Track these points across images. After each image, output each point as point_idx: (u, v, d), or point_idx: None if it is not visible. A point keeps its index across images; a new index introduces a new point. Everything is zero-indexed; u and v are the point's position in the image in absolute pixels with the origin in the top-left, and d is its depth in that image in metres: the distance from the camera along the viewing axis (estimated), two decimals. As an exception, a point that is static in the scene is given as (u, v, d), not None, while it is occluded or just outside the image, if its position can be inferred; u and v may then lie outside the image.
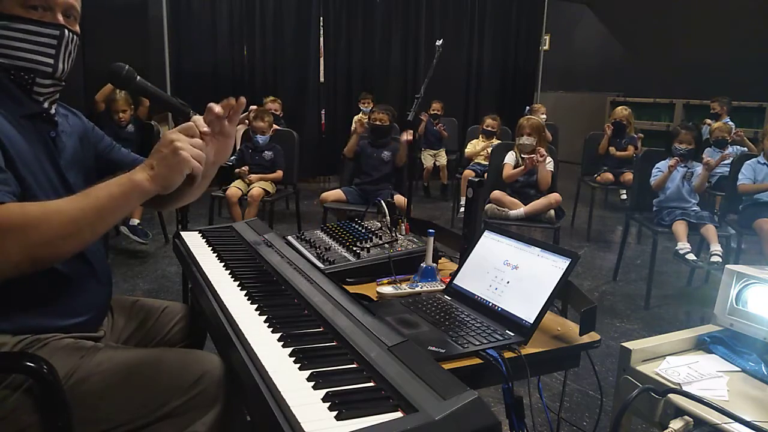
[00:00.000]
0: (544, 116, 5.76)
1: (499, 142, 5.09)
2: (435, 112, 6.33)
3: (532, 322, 1.16)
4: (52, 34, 1.14)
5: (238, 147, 4.90)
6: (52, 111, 1.21)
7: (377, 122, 4.09)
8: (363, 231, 1.68)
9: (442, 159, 6.36)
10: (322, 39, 6.90)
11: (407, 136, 3.72)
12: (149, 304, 1.46)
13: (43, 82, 1.17)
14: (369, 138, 4.16)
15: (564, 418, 2.14)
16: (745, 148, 4.81)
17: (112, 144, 1.42)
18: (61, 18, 1.15)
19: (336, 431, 0.76)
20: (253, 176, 4.20)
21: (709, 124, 5.63)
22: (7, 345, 1.08)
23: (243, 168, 4.24)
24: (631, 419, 1.36)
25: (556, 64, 8.75)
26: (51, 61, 1.16)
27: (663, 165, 3.75)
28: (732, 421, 1.04)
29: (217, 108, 1.09)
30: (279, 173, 4.27)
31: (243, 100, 1.14)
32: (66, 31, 1.16)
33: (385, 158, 4.07)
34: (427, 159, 6.36)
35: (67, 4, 1.16)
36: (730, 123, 5.59)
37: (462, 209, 4.69)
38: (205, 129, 1.07)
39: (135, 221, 4.06)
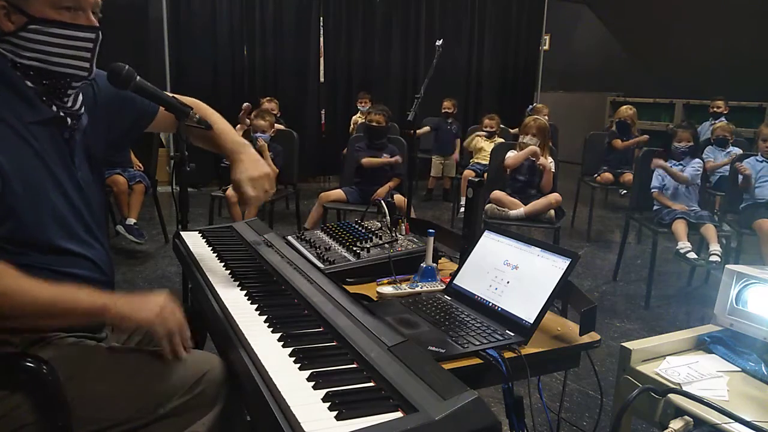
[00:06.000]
0: (546, 117, 5.75)
1: (501, 140, 5.09)
2: (447, 110, 6.10)
3: (532, 322, 1.16)
4: (88, 38, 1.13)
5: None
6: (75, 107, 1.19)
7: (373, 123, 4.06)
8: (363, 231, 1.68)
9: (451, 170, 6.06)
10: (322, 39, 6.90)
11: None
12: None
13: (76, 85, 1.16)
14: (366, 140, 4.14)
15: (564, 418, 2.14)
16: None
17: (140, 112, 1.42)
18: (93, 18, 1.14)
19: (336, 431, 0.76)
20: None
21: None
22: (10, 344, 1.09)
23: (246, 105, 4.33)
24: (631, 419, 1.36)
25: (556, 64, 8.75)
26: (87, 65, 1.15)
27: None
28: (732, 421, 1.04)
29: None
30: (274, 170, 4.25)
31: None
32: (99, 33, 1.15)
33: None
34: (436, 167, 6.12)
35: (96, 3, 1.15)
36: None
37: (462, 209, 4.70)
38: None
39: (131, 221, 4.05)
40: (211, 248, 1.58)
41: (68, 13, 1.10)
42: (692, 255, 3.37)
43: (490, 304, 1.26)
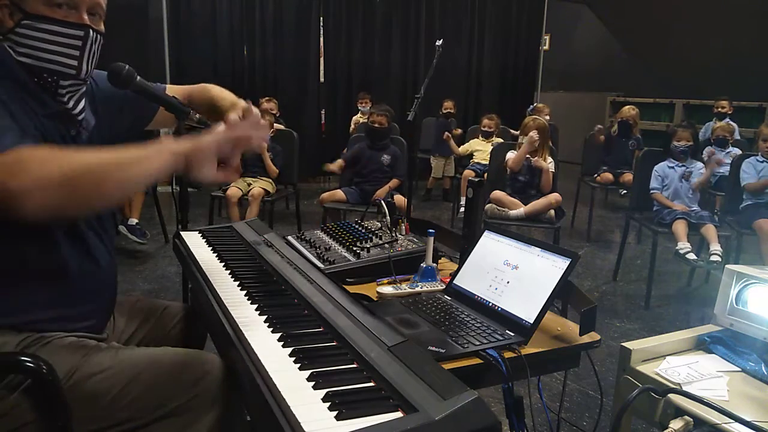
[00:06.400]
0: (548, 117, 5.75)
1: (500, 140, 5.09)
2: (448, 110, 6.06)
3: (532, 322, 1.16)
4: (76, 35, 1.13)
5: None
6: (76, 110, 1.19)
7: (375, 125, 4.06)
8: (363, 231, 1.68)
9: (451, 169, 6.07)
10: (322, 39, 6.90)
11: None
12: (150, 304, 1.46)
13: (64, 83, 1.15)
14: (367, 140, 4.13)
15: (564, 418, 2.14)
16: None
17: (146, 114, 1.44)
18: (86, 17, 1.13)
19: (336, 431, 0.76)
20: (249, 178, 4.22)
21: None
22: (9, 343, 1.09)
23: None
24: (631, 419, 1.36)
25: (556, 64, 8.75)
26: (75, 63, 1.14)
27: (661, 168, 3.76)
28: (732, 421, 1.04)
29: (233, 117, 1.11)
30: (274, 170, 4.25)
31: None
32: (90, 32, 1.14)
33: (384, 161, 4.04)
34: (437, 168, 6.10)
35: (92, 2, 1.14)
36: (732, 123, 5.60)
37: (462, 209, 4.70)
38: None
39: (133, 221, 4.06)
40: (211, 248, 1.58)
41: (60, 10, 1.11)
42: (692, 256, 3.36)
43: (490, 304, 1.26)
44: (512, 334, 1.15)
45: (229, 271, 1.39)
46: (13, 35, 1.11)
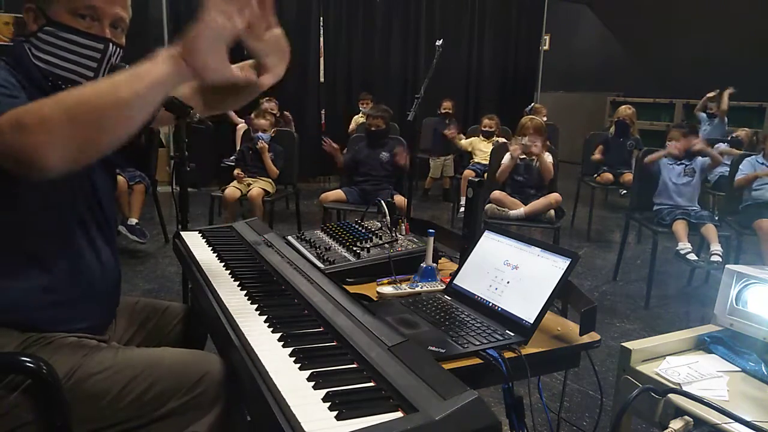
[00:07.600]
0: (545, 117, 5.75)
1: (503, 140, 5.08)
2: (446, 111, 6.04)
3: (532, 322, 1.16)
4: (96, 47, 1.13)
5: (238, 147, 4.93)
6: None
7: (372, 128, 4.07)
8: (363, 231, 1.68)
9: (449, 169, 6.07)
10: (322, 39, 6.90)
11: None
12: (150, 304, 1.46)
13: None
14: (366, 140, 4.14)
15: (564, 418, 2.14)
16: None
17: None
18: (108, 31, 1.14)
19: (336, 431, 0.76)
20: (248, 179, 4.22)
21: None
22: (11, 343, 1.09)
23: (238, 171, 4.24)
24: (631, 419, 1.36)
25: (556, 64, 8.75)
26: (91, 74, 1.15)
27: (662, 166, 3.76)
28: (732, 421, 1.04)
29: None
30: (275, 170, 4.26)
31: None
32: (111, 45, 1.14)
33: (383, 159, 4.04)
34: (436, 168, 6.09)
35: (116, 16, 1.15)
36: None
37: (462, 209, 4.70)
38: None
39: (133, 221, 4.06)
40: (211, 248, 1.58)
41: (84, 21, 1.11)
42: (692, 256, 3.36)
43: (490, 304, 1.26)
44: (512, 334, 1.15)
45: (229, 271, 1.39)
46: (34, 39, 1.12)
